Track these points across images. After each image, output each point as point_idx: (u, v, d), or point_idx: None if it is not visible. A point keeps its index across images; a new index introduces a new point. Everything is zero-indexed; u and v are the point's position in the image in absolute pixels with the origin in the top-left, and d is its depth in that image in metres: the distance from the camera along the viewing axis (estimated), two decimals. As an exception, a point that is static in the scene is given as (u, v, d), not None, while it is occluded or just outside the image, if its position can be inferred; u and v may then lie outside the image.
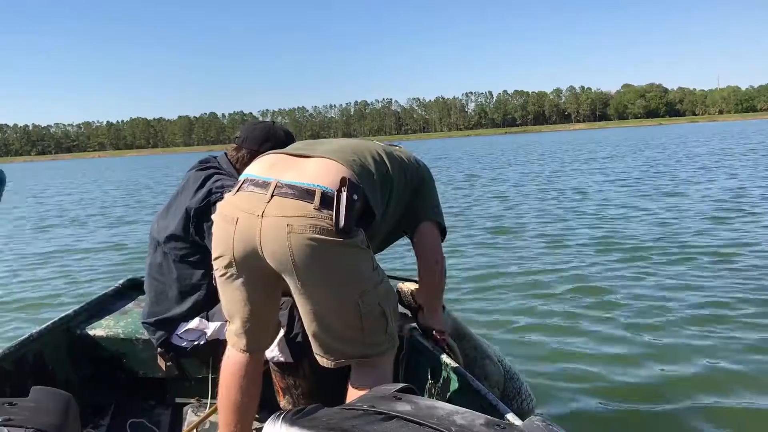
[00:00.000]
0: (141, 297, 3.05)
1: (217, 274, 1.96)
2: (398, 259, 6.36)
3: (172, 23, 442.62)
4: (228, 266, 1.88)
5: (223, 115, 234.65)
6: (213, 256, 1.94)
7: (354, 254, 1.78)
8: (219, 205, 1.93)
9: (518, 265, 6.74)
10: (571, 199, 12.43)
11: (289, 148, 2.03)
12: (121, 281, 3.30)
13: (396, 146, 2.26)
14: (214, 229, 1.93)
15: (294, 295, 1.84)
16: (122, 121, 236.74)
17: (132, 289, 3.23)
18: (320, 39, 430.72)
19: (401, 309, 2.54)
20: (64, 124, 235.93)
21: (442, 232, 2.23)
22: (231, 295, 1.96)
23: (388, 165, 1.99)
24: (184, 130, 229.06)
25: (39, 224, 13.41)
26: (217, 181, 2.41)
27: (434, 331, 2.39)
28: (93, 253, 9.19)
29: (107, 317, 2.89)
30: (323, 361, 1.91)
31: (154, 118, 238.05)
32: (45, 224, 13.37)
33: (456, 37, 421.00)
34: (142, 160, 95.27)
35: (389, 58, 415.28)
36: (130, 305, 3.05)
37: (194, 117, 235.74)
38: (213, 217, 1.95)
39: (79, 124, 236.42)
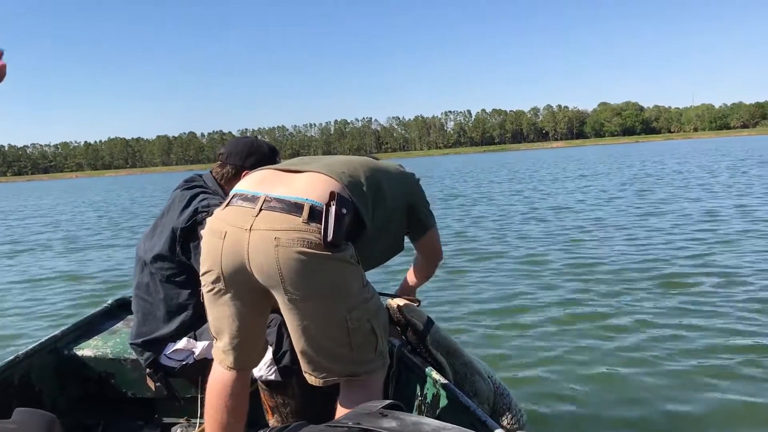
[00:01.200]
0: (130, 317, 3.03)
1: (204, 289, 1.94)
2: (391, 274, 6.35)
3: (151, 42, 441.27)
4: (216, 281, 1.86)
5: (202, 134, 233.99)
6: (201, 271, 1.92)
7: (342, 269, 1.76)
8: (208, 220, 1.91)
9: (511, 280, 6.76)
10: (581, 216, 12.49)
11: (282, 164, 2.02)
12: (109, 301, 3.27)
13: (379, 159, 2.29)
14: (202, 243, 1.91)
15: (282, 311, 1.82)
16: (100, 141, 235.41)
17: (121, 309, 3.21)
18: (300, 58, 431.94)
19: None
20: (41, 145, 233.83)
21: None
22: (219, 311, 1.93)
23: (380, 179, 1.97)
24: (162, 149, 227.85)
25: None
26: (203, 200, 2.41)
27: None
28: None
29: (95, 337, 2.86)
30: (311, 378, 1.88)
31: (133, 138, 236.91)
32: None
33: (435, 56, 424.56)
34: (121, 181, 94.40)
35: (369, 78, 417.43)
36: (118, 325, 3.03)
37: (173, 136, 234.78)
38: (202, 232, 1.94)
39: (57, 144, 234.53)
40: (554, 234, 9.83)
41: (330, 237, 1.68)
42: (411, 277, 2.52)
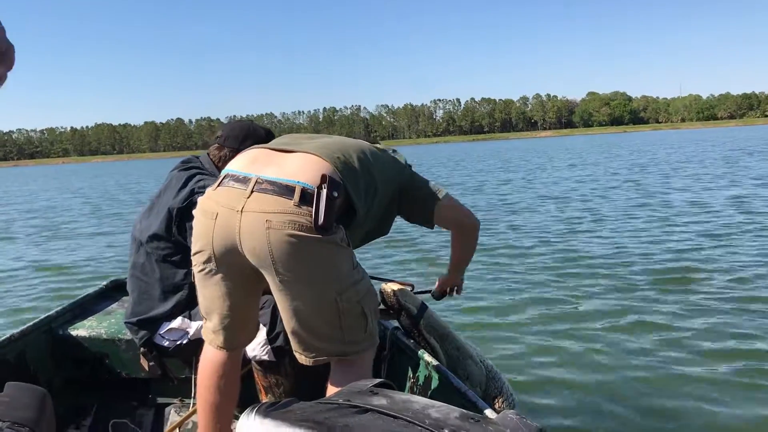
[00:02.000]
0: (125, 298, 3.04)
1: (195, 269, 1.95)
2: (385, 257, 6.37)
3: (138, 27, 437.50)
4: (207, 261, 1.87)
5: (190, 120, 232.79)
6: (192, 251, 1.92)
7: (333, 251, 1.77)
8: (199, 200, 1.92)
9: (507, 268, 6.83)
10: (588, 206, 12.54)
11: (273, 143, 2.01)
12: (105, 282, 3.28)
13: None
14: (194, 223, 1.92)
15: (273, 292, 1.83)
16: (87, 126, 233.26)
17: (115, 290, 3.22)
18: (288, 45, 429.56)
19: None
20: (26, 130, 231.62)
21: None
22: (209, 291, 1.94)
23: (373, 162, 1.97)
24: (150, 136, 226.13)
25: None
26: (199, 180, 2.42)
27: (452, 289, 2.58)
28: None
29: (90, 318, 2.87)
30: (302, 358, 1.90)
31: (120, 124, 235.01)
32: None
33: (424, 44, 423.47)
34: (107, 166, 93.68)
35: (358, 65, 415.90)
36: (113, 306, 3.03)
37: (160, 123, 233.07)
38: (194, 212, 1.95)
39: (43, 129, 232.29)
40: (557, 223, 9.84)
41: (321, 221, 1.69)
42: (454, 255, 2.46)
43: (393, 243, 7.99)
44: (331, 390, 1.87)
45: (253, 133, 2.53)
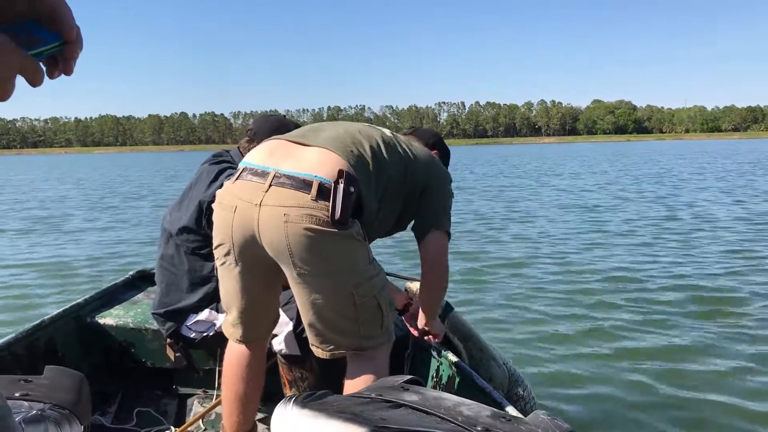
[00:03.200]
0: (150, 288, 3.07)
1: (217, 263, 1.98)
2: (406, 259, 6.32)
3: (144, 21, 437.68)
4: (227, 254, 1.90)
5: (194, 115, 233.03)
6: (213, 245, 1.95)
7: (349, 245, 1.79)
8: (218, 193, 1.94)
9: (526, 270, 6.85)
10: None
11: (291, 135, 2.01)
12: (131, 272, 3.31)
13: (408, 137, 2.23)
14: (214, 217, 1.94)
15: (291, 285, 1.85)
16: (90, 117, 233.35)
17: (142, 280, 3.26)
18: (294, 41, 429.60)
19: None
20: (30, 119, 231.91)
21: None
22: (229, 285, 1.97)
23: (387, 158, 1.94)
24: (153, 128, 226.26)
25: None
26: (230, 175, 2.44)
27: (429, 336, 2.40)
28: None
29: (117, 307, 2.91)
30: (318, 351, 1.92)
31: (124, 116, 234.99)
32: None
33: (430, 47, 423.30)
34: (110, 158, 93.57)
35: (364, 65, 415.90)
36: (139, 296, 3.06)
37: (164, 116, 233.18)
38: (213, 205, 1.96)
39: (47, 119, 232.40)
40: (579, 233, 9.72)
41: (338, 215, 1.72)
42: (422, 300, 2.31)
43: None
44: (349, 384, 1.90)
45: (283, 127, 2.54)
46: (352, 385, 1.86)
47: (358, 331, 1.87)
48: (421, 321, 2.39)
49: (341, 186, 1.73)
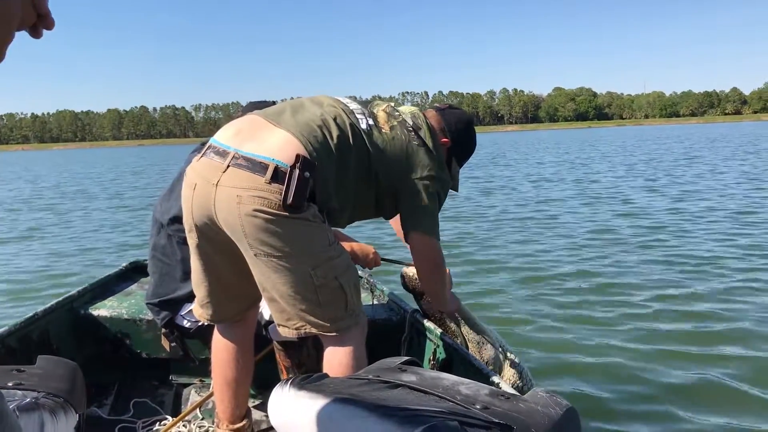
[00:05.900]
0: (144, 279, 3.05)
1: (188, 240, 1.99)
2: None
3: (103, 13, 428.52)
4: (190, 231, 1.92)
5: (154, 108, 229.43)
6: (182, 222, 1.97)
7: (302, 228, 1.78)
8: (186, 168, 1.95)
9: (521, 254, 6.93)
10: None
11: (271, 109, 1.98)
12: (124, 263, 3.29)
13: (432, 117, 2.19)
14: (181, 192, 1.96)
15: (250, 266, 1.84)
16: (48, 113, 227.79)
17: (135, 271, 3.24)
18: (250, 31, 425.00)
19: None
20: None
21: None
22: (194, 263, 1.98)
23: (354, 146, 1.92)
24: (113, 123, 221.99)
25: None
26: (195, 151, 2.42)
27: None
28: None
29: (111, 298, 2.89)
30: (284, 330, 1.89)
31: (82, 111, 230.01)
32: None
33: (392, 37, 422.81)
34: (69, 154, 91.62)
35: (326, 57, 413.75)
36: (133, 287, 3.05)
37: (124, 110, 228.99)
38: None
39: (2, 115, 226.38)
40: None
41: (290, 200, 1.72)
42: (422, 287, 2.49)
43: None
44: (325, 366, 1.88)
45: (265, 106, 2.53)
46: (328, 369, 1.85)
47: (321, 312, 1.85)
48: (434, 305, 2.51)
49: (297, 171, 1.73)
